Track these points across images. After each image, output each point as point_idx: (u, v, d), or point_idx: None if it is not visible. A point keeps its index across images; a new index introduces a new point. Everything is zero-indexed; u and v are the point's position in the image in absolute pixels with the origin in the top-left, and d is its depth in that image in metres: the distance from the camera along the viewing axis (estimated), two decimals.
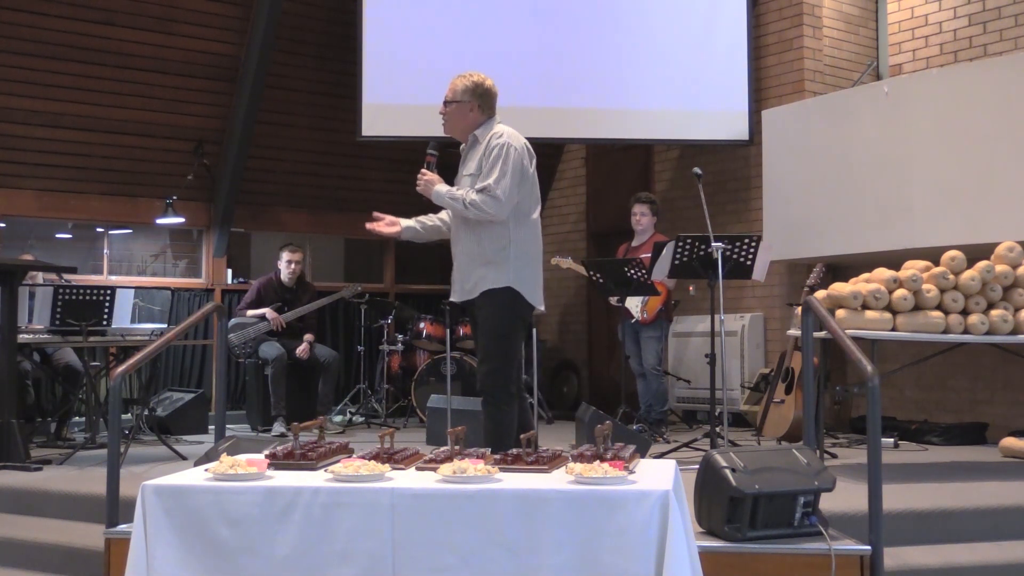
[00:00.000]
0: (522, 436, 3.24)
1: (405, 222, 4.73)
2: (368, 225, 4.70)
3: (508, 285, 4.43)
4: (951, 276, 4.79)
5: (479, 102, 4.54)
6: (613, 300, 6.89)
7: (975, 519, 4.01)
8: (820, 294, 4.92)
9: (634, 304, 6.97)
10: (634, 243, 7.26)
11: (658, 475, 3.04)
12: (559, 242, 9.88)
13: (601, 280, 6.50)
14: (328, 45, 8.62)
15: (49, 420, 6.94)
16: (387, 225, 4.69)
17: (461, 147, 4.69)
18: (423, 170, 4.55)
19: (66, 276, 6.83)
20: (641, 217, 7.22)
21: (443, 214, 4.77)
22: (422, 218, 4.79)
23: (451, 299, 4.64)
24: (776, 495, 3.46)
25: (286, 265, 7.76)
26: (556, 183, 10.00)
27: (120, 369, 4.01)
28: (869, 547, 3.44)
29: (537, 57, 7.88)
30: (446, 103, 4.59)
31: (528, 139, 4.56)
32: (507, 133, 4.51)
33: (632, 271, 6.30)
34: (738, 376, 7.77)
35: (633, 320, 7.03)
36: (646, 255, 6.56)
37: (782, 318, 7.70)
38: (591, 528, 2.80)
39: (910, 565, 3.69)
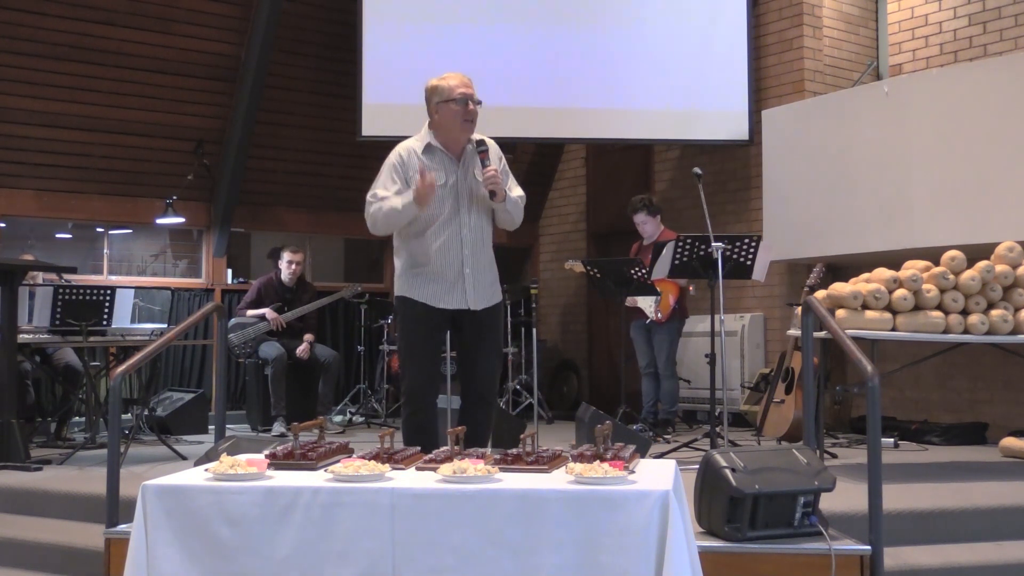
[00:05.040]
0: (522, 436, 3.24)
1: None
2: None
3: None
4: (951, 276, 4.78)
5: None
6: (629, 302, 6.83)
7: (975, 519, 4.01)
8: (820, 294, 4.92)
9: (647, 304, 6.95)
10: (645, 242, 7.22)
11: (658, 475, 3.04)
12: (559, 242, 9.88)
13: (599, 276, 6.47)
14: (328, 45, 8.62)
15: (49, 420, 6.93)
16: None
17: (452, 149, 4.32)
18: (493, 166, 4.21)
19: (66, 276, 6.82)
20: (643, 225, 7.17)
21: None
22: None
23: (469, 307, 4.29)
24: (776, 495, 3.46)
25: (287, 265, 7.75)
26: (556, 183, 9.99)
27: (120, 369, 4.00)
28: (869, 547, 3.43)
29: (537, 57, 7.88)
30: (477, 102, 4.25)
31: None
32: None
33: (632, 270, 6.29)
34: (738, 376, 7.77)
35: (648, 320, 7.00)
36: None
37: (782, 318, 7.70)
38: (591, 528, 2.79)
39: (910, 565, 3.69)
